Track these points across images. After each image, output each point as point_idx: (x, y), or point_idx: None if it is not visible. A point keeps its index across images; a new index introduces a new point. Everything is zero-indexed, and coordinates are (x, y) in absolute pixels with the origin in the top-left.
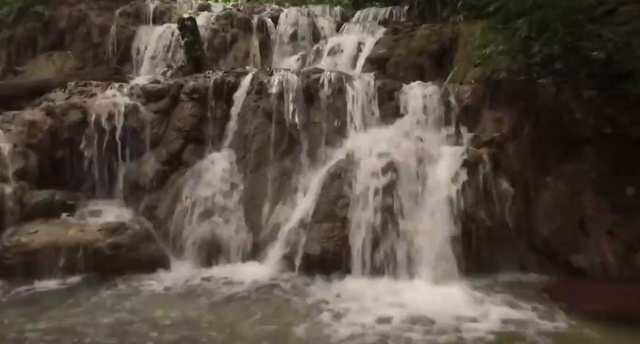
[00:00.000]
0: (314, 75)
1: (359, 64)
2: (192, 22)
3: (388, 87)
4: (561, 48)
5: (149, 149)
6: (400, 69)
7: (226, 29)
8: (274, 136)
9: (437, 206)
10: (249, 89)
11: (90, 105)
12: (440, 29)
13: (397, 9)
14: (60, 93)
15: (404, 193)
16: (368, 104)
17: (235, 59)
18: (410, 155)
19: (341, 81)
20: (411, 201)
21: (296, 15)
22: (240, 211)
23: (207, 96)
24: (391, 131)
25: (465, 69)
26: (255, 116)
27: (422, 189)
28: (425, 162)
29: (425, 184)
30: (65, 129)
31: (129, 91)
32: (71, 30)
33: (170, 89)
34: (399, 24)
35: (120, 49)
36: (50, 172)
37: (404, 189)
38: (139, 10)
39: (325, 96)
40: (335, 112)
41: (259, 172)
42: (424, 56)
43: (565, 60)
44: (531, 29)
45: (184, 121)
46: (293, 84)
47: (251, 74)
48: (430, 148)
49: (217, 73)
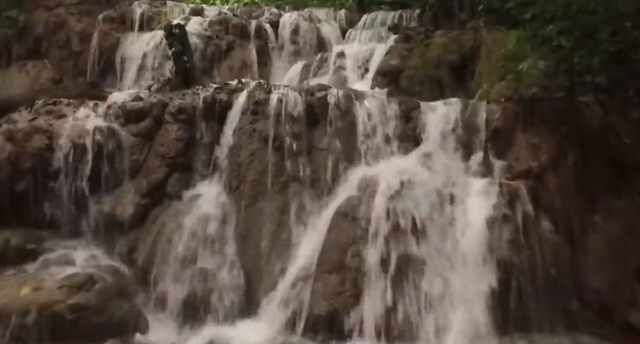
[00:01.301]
0: (318, 93)
1: (369, 76)
2: (180, 30)
3: (404, 106)
4: (603, 59)
5: (127, 179)
6: (415, 82)
7: (221, 35)
8: (272, 165)
9: (467, 255)
10: (243, 109)
11: (57, 128)
12: (459, 36)
13: (408, 12)
14: (25, 113)
15: (428, 239)
16: (382, 127)
17: (231, 70)
18: (434, 191)
19: (350, 100)
20: (436, 248)
21: (298, 20)
22: (232, 255)
23: (196, 116)
24: (410, 160)
25: (489, 82)
26: (251, 141)
27: (449, 233)
28: (452, 200)
29: (452, 227)
30: (28, 157)
31: (105, 111)
32: (48, 37)
33: (152, 109)
34: (410, 30)
35: (103, 58)
36: (9, 208)
37: (428, 233)
38: (125, 15)
39: (332, 117)
40: (343, 136)
41: (255, 207)
42: (442, 68)
43: (608, 73)
44: (572, 38)
45: (168, 146)
46: (294, 103)
47: (246, 92)
48: (457, 182)
49: (207, 89)
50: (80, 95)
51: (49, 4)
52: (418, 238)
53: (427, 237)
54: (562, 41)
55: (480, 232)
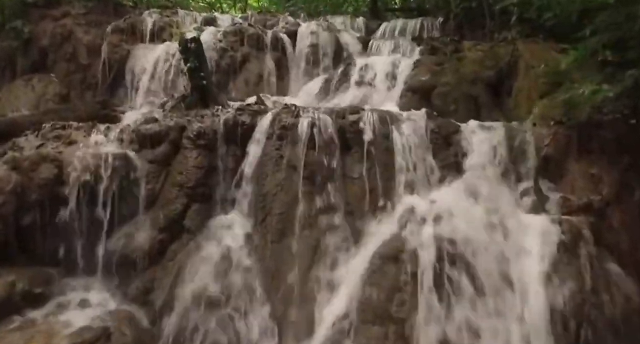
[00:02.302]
0: (351, 116)
1: (396, 93)
2: (196, 44)
3: (444, 130)
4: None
5: (142, 210)
6: (449, 101)
7: (236, 47)
8: (302, 196)
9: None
10: (268, 133)
11: (67, 157)
12: (493, 50)
13: (429, 21)
14: (32, 137)
15: (484, 287)
16: (421, 154)
17: (247, 83)
18: (484, 230)
19: (386, 124)
20: (493, 298)
21: (316, 30)
22: (260, 298)
23: (216, 141)
24: (454, 192)
25: (529, 100)
26: (277, 169)
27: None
28: (506, 241)
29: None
30: (35, 189)
31: (118, 135)
32: (54, 50)
33: (169, 132)
34: (435, 41)
35: (113, 72)
36: (14, 244)
37: (483, 282)
38: (135, 26)
39: (367, 143)
40: (379, 164)
41: (283, 243)
42: (478, 85)
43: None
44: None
45: (187, 175)
46: (326, 128)
47: (271, 114)
48: (509, 217)
49: (227, 110)
50: (90, 116)
51: (55, 14)
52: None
53: (484, 285)
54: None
55: (539, 277)
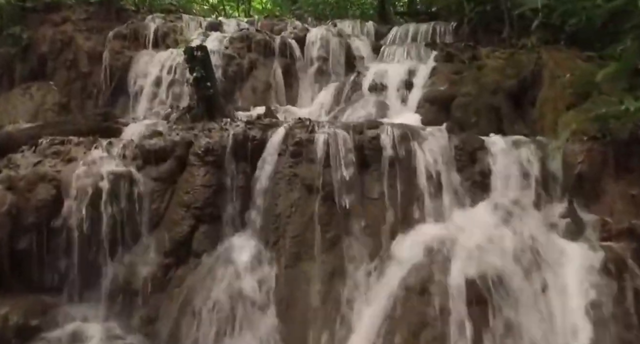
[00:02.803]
0: (369, 131)
1: (412, 102)
2: (203, 53)
3: (468, 146)
4: None
5: (146, 232)
6: (470, 112)
7: (242, 53)
8: (318, 218)
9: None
10: (281, 149)
11: (66, 176)
12: (514, 57)
13: (442, 25)
14: (29, 153)
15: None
16: (445, 172)
17: (254, 91)
18: (517, 258)
19: (407, 140)
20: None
21: (326, 35)
22: (273, 330)
23: (225, 157)
24: (481, 214)
25: (554, 112)
26: (291, 188)
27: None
28: (542, 271)
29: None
30: (32, 211)
31: (120, 151)
32: (54, 57)
33: (175, 148)
34: (450, 47)
35: (114, 80)
36: (9, 270)
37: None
38: (137, 31)
39: (387, 161)
40: (400, 184)
41: (299, 269)
42: (499, 95)
43: None
44: None
45: (194, 194)
46: (344, 145)
47: (283, 129)
48: (543, 242)
49: (236, 124)
50: (90, 129)
51: (55, 18)
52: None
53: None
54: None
55: (584, 316)
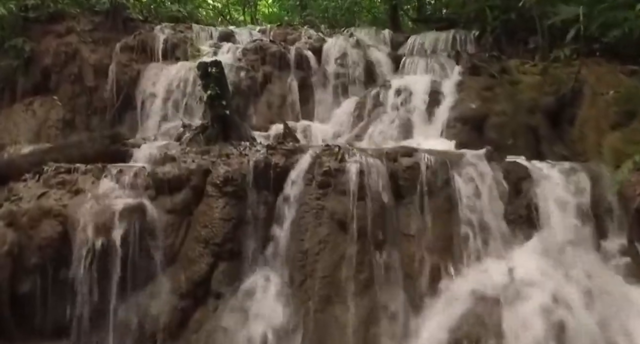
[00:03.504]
0: (403, 159)
1: (439, 120)
2: (217, 69)
3: (513, 175)
4: None
5: (160, 270)
6: (506, 133)
7: (256, 66)
8: (350, 257)
9: None
10: (307, 179)
11: (73, 211)
12: (548, 71)
13: (462, 34)
14: (32, 183)
15: None
16: (488, 205)
17: (269, 107)
18: (577, 306)
19: (445, 168)
20: None
21: (344, 46)
22: None
23: (246, 186)
24: (530, 254)
25: (597, 133)
26: (319, 222)
27: None
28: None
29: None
30: (35, 250)
31: (131, 180)
32: (58, 70)
33: (191, 177)
34: (474, 57)
35: (122, 95)
36: (10, 315)
37: None
38: (146, 43)
39: (425, 193)
40: (440, 218)
41: (329, 313)
42: (537, 115)
43: None
44: None
45: (213, 228)
46: (378, 175)
47: (310, 156)
48: (606, 288)
49: (257, 149)
50: (98, 153)
51: (59, 29)
52: None
53: None
54: None
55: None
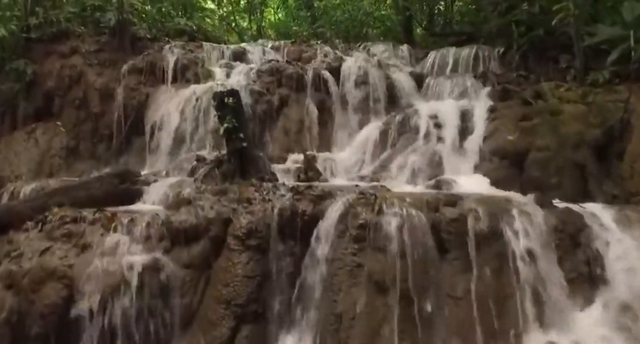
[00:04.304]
0: (447, 208)
1: (472, 154)
2: (234, 99)
3: (570, 226)
4: None
5: (176, 335)
6: (551, 171)
7: (272, 89)
8: (392, 324)
9: None
10: (339, 230)
11: (79, 271)
12: (588, 97)
13: (485, 50)
14: (34, 233)
15: None
16: (544, 262)
17: (286, 133)
18: None
19: (495, 221)
20: None
21: (364, 67)
22: None
23: (270, 238)
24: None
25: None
26: (354, 282)
27: None
28: None
29: None
30: (37, 318)
31: (144, 232)
32: (62, 94)
33: (209, 227)
34: (501, 77)
35: (129, 121)
36: None
37: None
38: (154, 64)
39: (473, 248)
40: (491, 278)
41: None
42: (582, 149)
43: None
44: None
45: (235, 287)
46: (421, 229)
47: (342, 205)
48: None
49: (281, 193)
50: (106, 194)
51: (63, 49)
52: None
53: None
54: None
55: None
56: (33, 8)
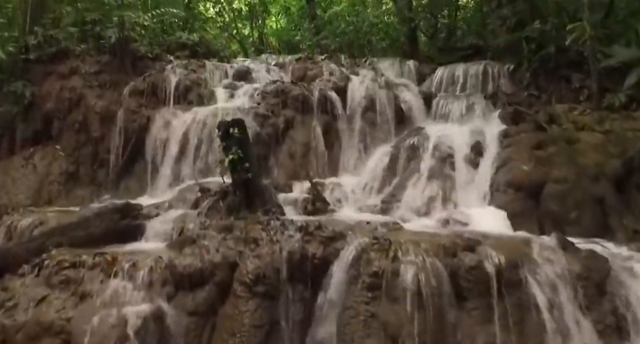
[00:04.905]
0: (465, 254)
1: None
2: (240, 129)
3: (595, 274)
4: None
5: None
6: (569, 205)
7: (277, 111)
8: None
9: None
10: (351, 276)
11: (78, 325)
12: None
13: (494, 67)
14: (30, 279)
15: None
16: (570, 312)
17: (292, 157)
18: None
19: (516, 269)
20: None
21: (372, 87)
22: None
23: (279, 283)
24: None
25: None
26: (368, 333)
27: None
28: None
29: None
30: None
31: (146, 277)
32: (61, 117)
33: (215, 271)
34: (512, 97)
35: (130, 145)
36: None
37: None
38: (156, 85)
39: (494, 297)
40: (513, 330)
41: None
42: (602, 182)
43: None
44: None
45: (242, 338)
46: (438, 279)
47: (354, 249)
48: None
49: (289, 233)
50: (107, 233)
51: (62, 70)
52: None
53: None
54: None
55: None
56: (32, 27)
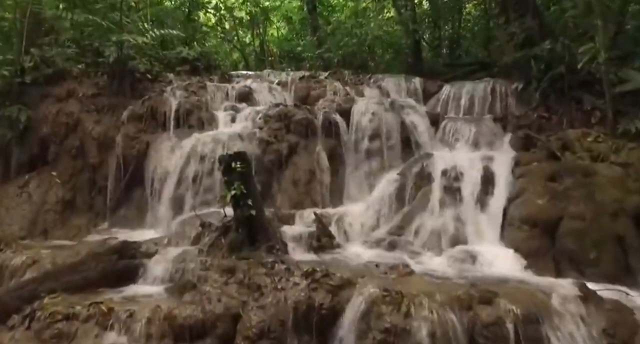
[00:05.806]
0: (482, 310)
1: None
2: (242, 164)
3: (621, 331)
4: None
5: None
6: (588, 245)
7: (280, 136)
8: None
9: None
10: (360, 330)
11: None
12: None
13: (501, 85)
14: (20, 333)
15: None
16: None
17: (295, 184)
18: None
19: (537, 323)
20: None
21: (377, 111)
22: None
23: (285, 337)
24: None
25: None
26: None
27: None
28: None
29: None
30: None
31: (144, 329)
32: (58, 142)
33: (217, 323)
34: (521, 120)
35: (128, 172)
36: None
37: None
38: (155, 109)
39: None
40: None
41: None
42: (621, 219)
43: None
44: None
45: None
46: (454, 336)
47: (363, 301)
48: None
49: (294, 280)
50: (103, 275)
51: (59, 92)
52: None
53: None
54: None
55: None
56: (28, 48)
